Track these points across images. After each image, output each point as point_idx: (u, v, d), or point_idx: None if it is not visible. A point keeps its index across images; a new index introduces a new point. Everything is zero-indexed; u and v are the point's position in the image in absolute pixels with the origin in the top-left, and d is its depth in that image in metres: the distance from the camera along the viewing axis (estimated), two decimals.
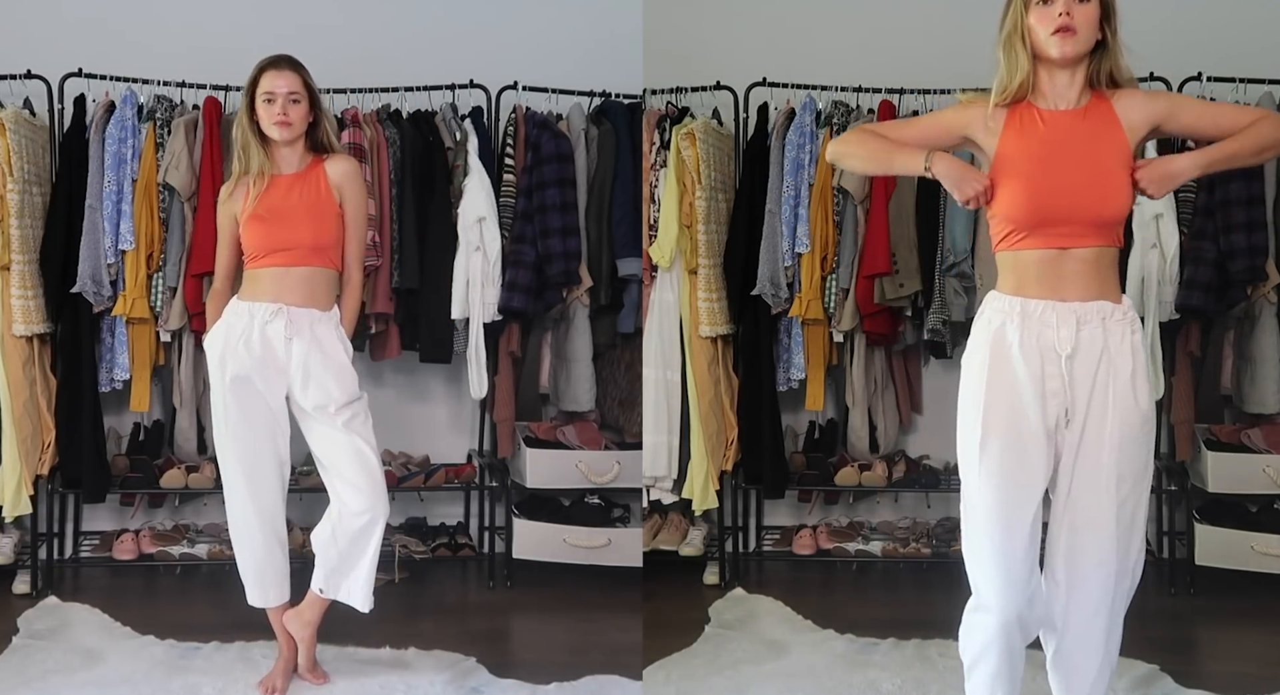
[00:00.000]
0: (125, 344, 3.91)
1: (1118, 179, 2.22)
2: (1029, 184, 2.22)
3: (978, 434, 2.26)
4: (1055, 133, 2.25)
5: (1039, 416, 2.24)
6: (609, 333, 4.22)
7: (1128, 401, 2.26)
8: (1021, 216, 2.22)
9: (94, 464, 3.87)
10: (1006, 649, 2.36)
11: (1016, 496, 2.26)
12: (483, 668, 3.18)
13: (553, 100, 4.17)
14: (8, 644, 3.31)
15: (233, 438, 2.94)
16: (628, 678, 3.14)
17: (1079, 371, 2.24)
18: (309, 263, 2.95)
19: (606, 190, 4.10)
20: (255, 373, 2.91)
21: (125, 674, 3.11)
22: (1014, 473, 2.26)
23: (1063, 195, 2.21)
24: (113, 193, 3.80)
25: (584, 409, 4.18)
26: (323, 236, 2.96)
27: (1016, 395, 2.25)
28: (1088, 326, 2.24)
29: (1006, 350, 2.25)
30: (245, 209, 2.95)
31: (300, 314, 2.93)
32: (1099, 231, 2.23)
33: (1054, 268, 2.23)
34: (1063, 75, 2.27)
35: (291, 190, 2.97)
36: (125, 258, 3.82)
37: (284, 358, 2.92)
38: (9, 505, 3.77)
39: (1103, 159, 2.23)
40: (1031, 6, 2.22)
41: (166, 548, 4.02)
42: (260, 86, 2.92)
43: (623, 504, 4.18)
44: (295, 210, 2.95)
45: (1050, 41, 2.21)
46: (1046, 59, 2.25)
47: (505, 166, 4.04)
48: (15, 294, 3.73)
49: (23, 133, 3.76)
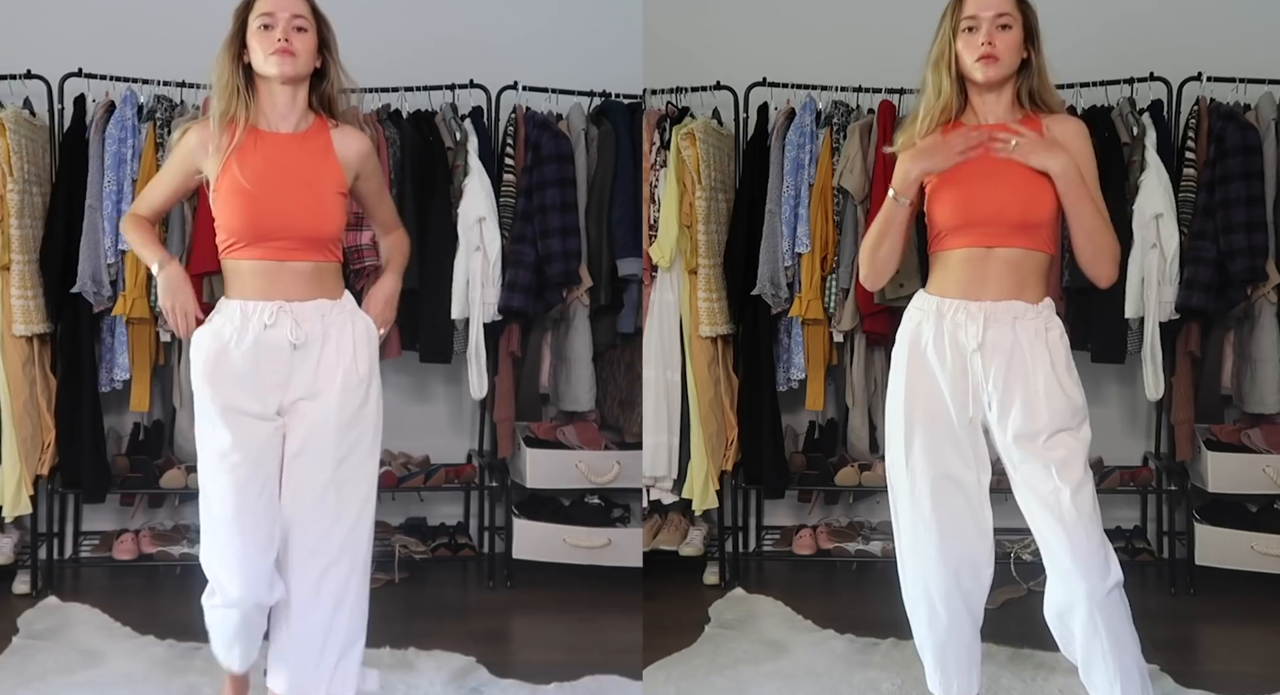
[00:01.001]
0: (125, 344, 3.91)
1: (1040, 186, 2.36)
2: (955, 188, 2.38)
3: (902, 427, 2.43)
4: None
5: (957, 409, 2.39)
6: (609, 333, 4.22)
7: (1056, 393, 2.35)
8: (947, 218, 2.38)
9: (94, 464, 3.87)
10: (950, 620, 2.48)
11: (943, 488, 2.41)
12: (483, 668, 3.18)
13: (553, 100, 4.17)
14: (8, 644, 3.31)
15: (234, 489, 2.44)
16: (628, 678, 3.14)
17: (991, 367, 2.36)
18: (303, 257, 2.41)
19: (606, 190, 4.10)
20: (253, 397, 2.43)
21: (125, 674, 3.11)
22: (937, 463, 2.40)
23: (985, 197, 2.36)
24: (113, 193, 3.80)
25: (584, 409, 4.18)
26: (324, 225, 2.42)
27: (934, 389, 2.40)
28: (996, 325, 2.36)
29: (923, 348, 2.41)
30: (221, 171, 2.37)
31: (307, 310, 2.43)
32: (1023, 233, 2.36)
33: (978, 267, 2.36)
34: (990, 96, 2.43)
35: (288, 156, 2.40)
36: (125, 258, 3.81)
37: (287, 369, 2.44)
38: (9, 505, 3.77)
39: (1021, 167, 2.36)
40: (959, 34, 2.39)
41: (166, 548, 4.02)
42: (255, 8, 2.36)
43: (623, 504, 4.18)
44: (290, 186, 2.39)
45: (975, 67, 2.38)
46: (973, 82, 2.42)
47: (505, 166, 4.04)
48: (15, 294, 3.73)
49: (23, 133, 3.76)
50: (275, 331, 2.42)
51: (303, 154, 2.41)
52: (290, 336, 2.42)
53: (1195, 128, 3.83)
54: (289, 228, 2.39)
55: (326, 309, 2.46)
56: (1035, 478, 2.35)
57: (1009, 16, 2.36)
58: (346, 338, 2.48)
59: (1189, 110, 3.88)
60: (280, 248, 2.40)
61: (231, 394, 2.43)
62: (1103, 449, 4.15)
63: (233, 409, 2.43)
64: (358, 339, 2.50)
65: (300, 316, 2.41)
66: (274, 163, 2.39)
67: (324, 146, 2.44)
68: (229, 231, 2.40)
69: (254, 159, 2.38)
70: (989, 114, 2.43)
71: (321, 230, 2.41)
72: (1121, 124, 3.86)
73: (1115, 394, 4.30)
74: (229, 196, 2.38)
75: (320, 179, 2.43)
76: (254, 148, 2.39)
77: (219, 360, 2.42)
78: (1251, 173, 3.72)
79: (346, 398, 2.47)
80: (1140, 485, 4.08)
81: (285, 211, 2.39)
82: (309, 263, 2.41)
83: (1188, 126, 3.85)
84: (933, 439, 2.41)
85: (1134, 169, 3.81)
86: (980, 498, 2.43)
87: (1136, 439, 4.30)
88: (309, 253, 2.42)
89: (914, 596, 2.52)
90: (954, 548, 2.43)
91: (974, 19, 2.36)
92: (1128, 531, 4.18)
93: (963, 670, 2.52)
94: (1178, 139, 3.89)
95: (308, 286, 2.42)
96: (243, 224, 2.37)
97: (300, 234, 2.39)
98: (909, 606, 2.55)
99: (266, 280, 2.40)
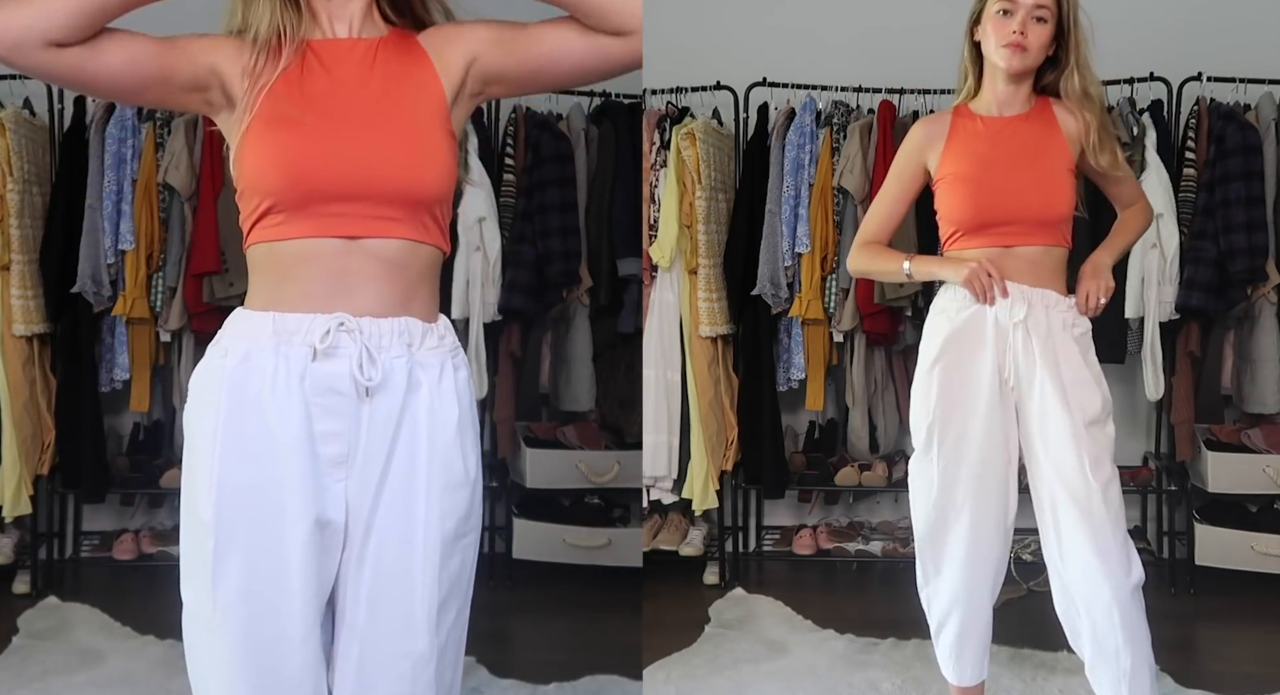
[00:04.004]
0: (125, 344, 3.92)
1: (1061, 180, 2.30)
2: (972, 187, 2.29)
3: (934, 412, 2.34)
4: (998, 137, 2.32)
5: (994, 389, 2.30)
6: (609, 333, 4.21)
7: (1089, 385, 2.31)
8: (965, 217, 2.30)
9: (94, 464, 3.87)
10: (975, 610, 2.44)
11: (979, 464, 2.33)
12: (483, 667, 3.18)
13: (553, 100, 4.17)
14: (8, 644, 3.31)
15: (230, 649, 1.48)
16: (628, 678, 3.14)
17: (1031, 346, 2.28)
18: (389, 233, 1.53)
19: (606, 190, 4.10)
20: (284, 473, 1.50)
21: (125, 674, 3.11)
22: (973, 442, 2.32)
23: (1007, 197, 2.28)
24: (113, 193, 3.80)
25: (584, 409, 4.18)
26: (424, 180, 1.54)
27: (971, 372, 2.31)
28: (1034, 308, 2.28)
29: (959, 329, 2.31)
30: (251, 96, 1.53)
31: (386, 331, 1.53)
32: (1043, 231, 2.30)
33: (998, 265, 2.27)
34: (1009, 86, 2.33)
35: (361, 73, 1.56)
36: (125, 258, 3.82)
37: (353, 430, 1.51)
38: (9, 505, 3.77)
39: (1046, 161, 2.30)
40: (991, 14, 2.28)
41: (166, 548, 4.02)
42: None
43: (623, 504, 4.18)
44: (368, 116, 1.54)
45: (1000, 53, 2.27)
46: (993, 65, 2.31)
47: (505, 166, 4.04)
48: (15, 294, 3.73)
49: (23, 133, 3.76)
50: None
51: (387, 71, 1.59)
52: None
53: (1195, 128, 3.83)
54: (367, 184, 1.54)
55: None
56: (1068, 469, 2.28)
57: (1046, 10, 2.26)
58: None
59: (1189, 110, 3.88)
60: (358, 219, 1.54)
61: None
62: None
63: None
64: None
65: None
66: (346, 86, 1.58)
67: (415, 60, 1.61)
68: (273, 192, 1.52)
69: (306, 83, 1.57)
70: (1003, 105, 2.34)
71: (420, 188, 1.56)
72: (1121, 124, 3.85)
73: (1115, 394, 4.18)
74: (269, 131, 1.54)
75: (420, 109, 1.59)
76: (302, 69, 1.57)
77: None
78: (1251, 173, 3.72)
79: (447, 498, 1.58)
80: (1140, 485, 4.07)
81: (366, 161, 1.53)
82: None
83: (1188, 126, 3.85)
84: (968, 418, 2.33)
85: (1134, 169, 3.80)
86: (1011, 476, 2.37)
87: (1136, 439, 4.29)
88: (395, 226, 1.56)
89: (941, 571, 2.45)
90: (988, 515, 2.37)
91: (1012, 3, 2.25)
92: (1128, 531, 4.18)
93: (979, 655, 2.49)
94: (1178, 139, 3.89)
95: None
96: (295, 185, 1.52)
97: (392, 193, 1.55)
98: (929, 587, 2.49)
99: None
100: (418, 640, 1.53)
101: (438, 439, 1.54)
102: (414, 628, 1.53)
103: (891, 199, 2.44)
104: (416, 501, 1.53)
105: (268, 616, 1.48)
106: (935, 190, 2.37)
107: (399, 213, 1.53)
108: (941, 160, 2.35)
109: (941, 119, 2.40)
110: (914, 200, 2.45)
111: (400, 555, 1.52)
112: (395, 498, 1.52)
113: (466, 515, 1.57)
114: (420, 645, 1.52)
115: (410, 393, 1.53)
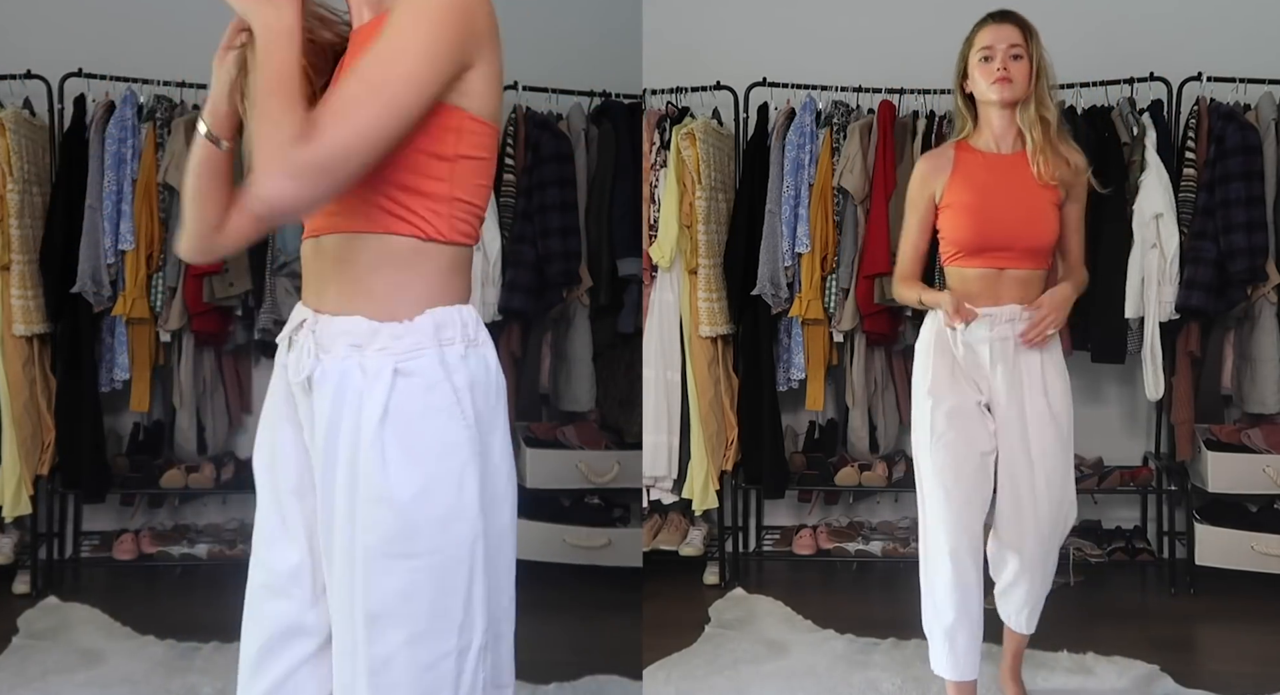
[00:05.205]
0: (125, 344, 3.92)
1: (1049, 214, 2.61)
2: (974, 215, 2.60)
3: (929, 402, 2.62)
4: (995, 171, 2.62)
5: (972, 390, 2.61)
6: (609, 333, 4.22)
7: (1056, 386, 2.63)
8: (966, 241, 2.61)
9: (94, 464, 3.88)
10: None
11: (965, 458, 2.59)
12: None
13: (553, 100, 4.17)
14: (8, 644, 3.32)
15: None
16: (628, 678, 3.14)
17: (997, 364, 2.59)
18: (334, 228, 1.52)
19: (606, 190, 4.10)
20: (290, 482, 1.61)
21: (125, 674, 3.11)
22: (961, 434, 2.59)
23: (1003, 226, 2.59)
24: (113, 193, 3.80)
25: (584, 409, 4.18)
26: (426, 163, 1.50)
27: (956, 370, 2.61)
28: (1000, 325, 2.59)
29: (946, 338, 2.62)
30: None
31: (336, 331, 1.51)
32: (1032, 257, 2.61)
33: (992, 284, 2.60)
34: (1001, 118, 2.62)
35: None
36: (125, 258, 3.82)
37: (307, 422, 1.56)
38: (9, 505, 3.77)
39: (1036, 196, 2.60)
40: (975, 62, 2.60)
41: (166, 548, 4.02)
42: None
43: (623, 504, 4.18)
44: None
45: (991, 89, 2.58)
46: (988, 103, 2.62)
47: (505, 166, 4.04)
48: (15, 294, 3.74)
49: (23, 133, 3.76)
50: None
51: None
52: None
53: (1195, 128, 3.83)
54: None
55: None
56: (1014, 454, 2.60)
57: (1020, 48, 2.56)
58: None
59: (1189, 110, 3.88)
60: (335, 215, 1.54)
61: None
62: (1103, 449, 4.16)
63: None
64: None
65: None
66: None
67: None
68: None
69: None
70: (999, 142, 2.63)
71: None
72: (1121, 124, 3.86)
73: (1115, 394, 4.30)
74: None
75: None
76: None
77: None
78: (1251, 173, 3.71)
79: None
80: (1140, 485, 4.07)
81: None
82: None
83: (1188, 126, 3.85)
84: (956, 412, 2.60)
85: (1134, 169, 3.80)
86: (989, 467, 2.62)
87: (1136, 439, 4.30)
88: (378, 218, 1.52)
89: (936, 567, 2.62)
90: (975, 511, 2.60)
91: (989, 49, 2.57)
92: (1128, 531, 4.18)
93: (971, 650, 2.62)
94: (1178, 139, 3.89)
95: None
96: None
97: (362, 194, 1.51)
98: (929, 580, 2.66)
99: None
100: (344, 638, 1.52)
101: (359, 447, 1.46)
102: (345, 624, 1.52)
103: (914, 232, 2.71)
104: (334, 510, 1.50)
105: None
106: (939, 215, 2.67)
107: (340, 206, 1.48)
108: (947, 189, 2.63)
109: (944, 153, 2.68)
110: (933, 227, 2.69)
111: (337, 555, 1.52)
112: (322, 502, 1.53)
113: (396, 537, 1.46)
114: (345, 645, 1.52)
115: (338, 394, 1.48)
